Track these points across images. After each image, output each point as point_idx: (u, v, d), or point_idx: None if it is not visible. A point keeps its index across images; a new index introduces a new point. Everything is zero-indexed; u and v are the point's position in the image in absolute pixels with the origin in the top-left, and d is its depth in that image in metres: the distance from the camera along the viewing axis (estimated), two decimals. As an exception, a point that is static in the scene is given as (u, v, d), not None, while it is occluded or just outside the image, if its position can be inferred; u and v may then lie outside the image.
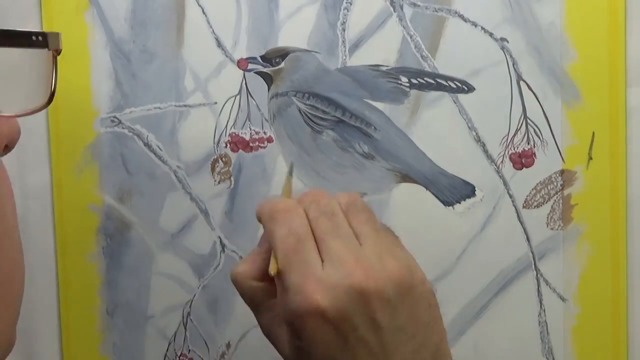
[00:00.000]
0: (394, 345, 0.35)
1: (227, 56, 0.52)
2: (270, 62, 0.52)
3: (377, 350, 0.35)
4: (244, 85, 0.52)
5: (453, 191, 0.52)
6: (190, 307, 0.55)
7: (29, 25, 0.53)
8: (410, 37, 0.51)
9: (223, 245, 0.54)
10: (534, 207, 0.52)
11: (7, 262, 0.35)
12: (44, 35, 0.36)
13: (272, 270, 0.36)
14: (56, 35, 0.36)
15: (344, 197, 0.38)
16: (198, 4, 0.52)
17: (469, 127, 0.52)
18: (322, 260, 0.35)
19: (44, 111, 0.53)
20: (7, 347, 0.39)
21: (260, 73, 0.52)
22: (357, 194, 0.39)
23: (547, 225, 0.52)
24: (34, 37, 0.35)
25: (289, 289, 0.35)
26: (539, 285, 0.53)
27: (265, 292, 0.38)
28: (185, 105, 0.53)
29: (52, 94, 0.37)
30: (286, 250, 0.36)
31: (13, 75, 0.37)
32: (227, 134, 0.53)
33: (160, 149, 0.53)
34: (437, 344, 0.37)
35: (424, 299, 0.37)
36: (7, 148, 0.38)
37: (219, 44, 0.52)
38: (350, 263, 0.35)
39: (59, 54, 0.37)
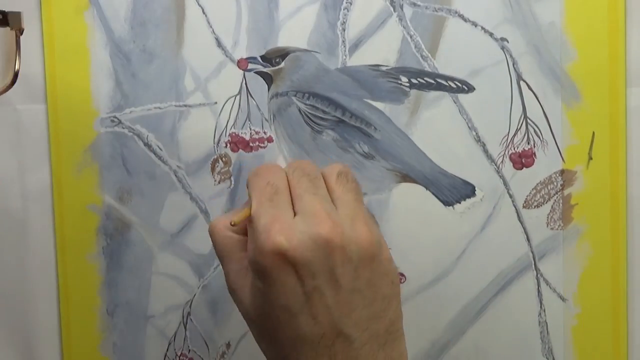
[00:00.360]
0: (349, 307, 0.36)
1: (227, 56, 0.52)
2: (270, 62, 0.52)
3: (332, 306, 0.36)
4: (244, 85, 0.52)
5: (453, 191, 0.52)
6: (190, 307, 0.55)
7: (29, 25, 0.53)
8: (410, 37, 0.51)
9: (223, 245, 0.54)
10: (534, 207, 0.52)
11: None
12: (3, 13, 0.35)
13: (234, 219, 0.38)
14: (17, 14, 0.36)
15: (338, 165, 0.41)
16: (198, 4, 0.52)
17: (469, 127, 0.52)
18: (295, 214, 0.37)
19: (43, 111, 0.53)
20: None
21: (260, 73, 0.52)
22: (347, 166, 0.41)
23: (547, 225, 0.52)
24: None
25: (257, 230, 0.36)
26: (539, 285, 0.53)
27: (237, 244, 0.40)
28: (185, 105, 0.53)
29: (16, 75, 0.36)
30: (262, 197, 0.38)
31: None
32: (227, 133, 0.53)
33: (160, 149, 0.53)
34: (392, 320, 0.38)
35: (387, 274, 0.38)
36: None
37: (219, 44, 0.52)
38: (321, 216, 0.36)
39: (22, 33, 0.36)
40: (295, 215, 0.37)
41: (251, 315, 0.39)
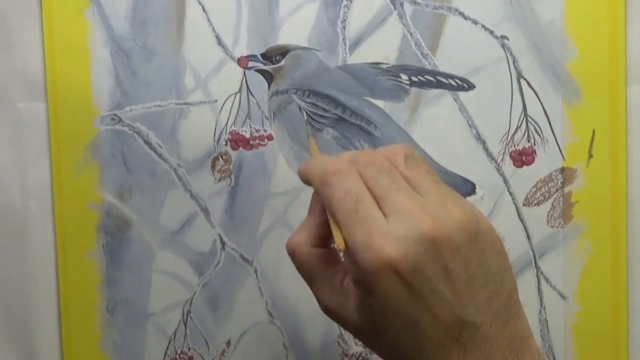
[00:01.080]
0: (467, 295, 0.34)
1: (227, 54, 0.52)
2: (271, 60, 0.52)
3: (452, 301, 0.34)
4: (244, 83, 0.52)
5: (453, 189, 0.52)
6: (190, 305, 0.55)
7: (29, 23, 0.53)
8: (411, 35, 0.51)
9: (223, 243, 0.54)
10: (535, 205, 0.52)
11: None
12: None
13: (340, 245, 0.35)
14: None
15: (401, 148, 0.37)
16: (198, 2, 0.52)
17: (469, 124, 0.52)
18: (386, 216, 0.34)
19: (44, 109, 0.53)
20: None
21: (260, 71, 0.52)
22: (410, 145, 0.38)
23: (548, 223, 0.52)
24: None
25: (355, 248, 0.34)
26: (539, 283, 0.53)
27: (324, 259, 0.38)
28: (185, 103, 0.53)
29: None
30: (346, 211, 0.35)
31: None
32: (228, 131, 0.53)
33: (161, 147, 0.53)
34: (509, 293, 0.36)
35: (492, 246, 0.36)
36: None
37: (219, 42, 0.52)
38: (416, 213, 0.34)
39: None
40: (386, 218, 0.34)
41: (362, 330, 0.37)
